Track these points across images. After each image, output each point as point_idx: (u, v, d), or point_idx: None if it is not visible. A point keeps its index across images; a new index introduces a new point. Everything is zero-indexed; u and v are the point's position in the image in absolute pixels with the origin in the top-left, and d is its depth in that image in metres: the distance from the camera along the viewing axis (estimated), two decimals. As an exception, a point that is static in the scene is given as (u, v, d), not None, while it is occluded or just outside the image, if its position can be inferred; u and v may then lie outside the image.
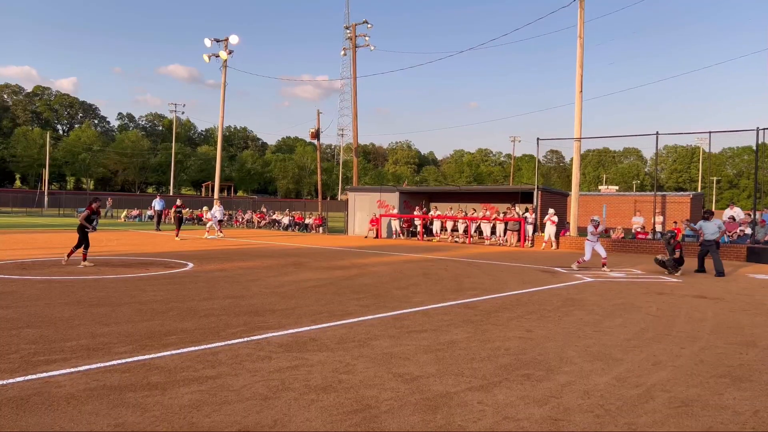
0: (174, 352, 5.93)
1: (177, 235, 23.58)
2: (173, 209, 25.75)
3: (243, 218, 39.47)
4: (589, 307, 9.16)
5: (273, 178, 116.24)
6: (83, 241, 13.05)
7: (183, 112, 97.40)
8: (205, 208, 36.86)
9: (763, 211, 21.75)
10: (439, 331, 7.14)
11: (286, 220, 35.03)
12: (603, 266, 14.77)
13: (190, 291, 9.93)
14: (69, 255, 13.20)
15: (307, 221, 34.77)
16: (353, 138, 37.80)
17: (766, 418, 4.36)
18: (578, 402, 4.67)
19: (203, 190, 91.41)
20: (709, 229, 14.44)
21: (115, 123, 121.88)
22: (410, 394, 4.77)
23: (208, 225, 27.69)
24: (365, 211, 29.09)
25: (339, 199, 75.33)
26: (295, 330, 7.06)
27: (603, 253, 14.82)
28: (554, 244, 22.53)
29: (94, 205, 13.45)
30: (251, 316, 7.82)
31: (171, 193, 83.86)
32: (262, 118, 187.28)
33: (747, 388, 5.11)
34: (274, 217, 37.00)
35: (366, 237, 27.75)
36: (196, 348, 6.10)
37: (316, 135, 40.20)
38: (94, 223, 13.37)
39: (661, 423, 4.22)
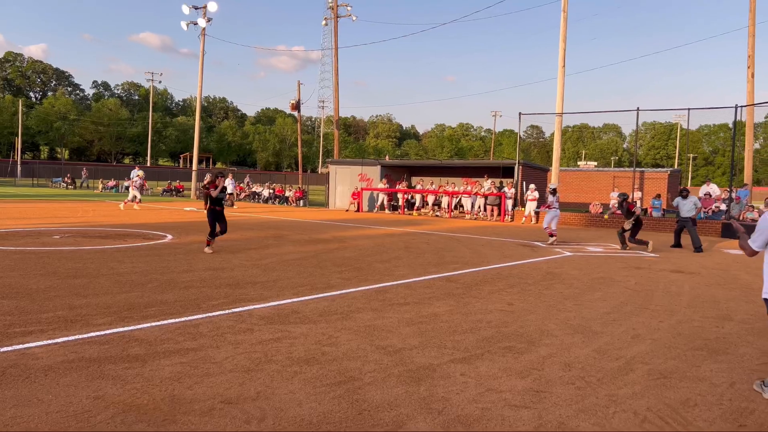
0: (154, 324, 5.85)
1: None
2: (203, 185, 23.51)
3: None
4: (568, 281, 9.26)
5: (252, 150, 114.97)
6: (213, 225, 11.35)
7: (160, 81, 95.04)
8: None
9: (738, 188, 22.09)
10: (422, 304, 7.16)
11: (266, 193, 34.75)
12: (550, 236, 15.24)
13: (169, 263, 9.81)
14: (208, 243, 11.39)
15: (287, 194, 34.54)
16: (334, 110, 37.44)
17: (742, 389, 4.46)
18: (559, 374, 4.71)
19: (181, 161, 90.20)
20: (686, 207, 14.65)
21: (90, 91, 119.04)
22: (393, 366, 4.77)
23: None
24: (346, 184, 28.95)
25: (320, 172, 74.93)
26: (277, 302, 7.02)
27: (553, 224, 15.26)
28: (534, 219, 22.69)
29: (219, 181, 11.45)
30: (232, 289, 7.76)
31: (148, 164, 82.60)
32: (241, 88, 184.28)
33: (723, 360, 5.21)
34: (254, 189, 36.67)
35: (347, 210, 27.67)
36: (177, 320, 6.03)
37: (297, 106, 39.76)
38: (226, 201, 11.61)
39: (641, 395, 4.28)
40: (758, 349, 5.60)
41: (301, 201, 32.87)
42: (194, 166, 39.50)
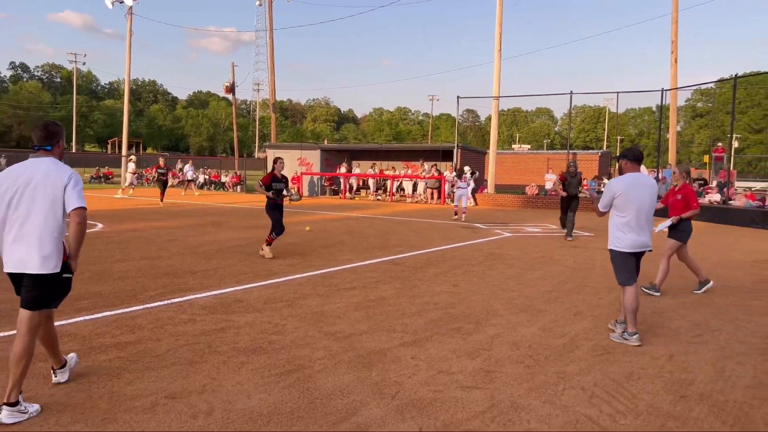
0: (88, 317, 5.54)
1: (162, 200, 20.15)
2: (155, 170, 21.73)
3: (153, 176, 37.65)
4: (510, 261, 9.42)
5: (185, 134, 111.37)
6: (278, 220, 9.46)
7: (84, 63, 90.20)
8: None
9: (663, 168, 23.14)
10: (368, 288, 7.10)
11: (201, 178, 33.74)
12: (462, 215, 16.41)
13: (102, 252, 9.34)
14: (268, 243, 9.43)
15: (223, 179, 33.67)
16: (270, 93, 36.63)
17: (679, 361, 4.64)
18: (508, 353, 4.77)
19: (109, 146, 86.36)
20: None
21: (6, 73, 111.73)
22: (343, 352, 4.70)
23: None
24: (285, 168, 28.47)
25: (256, 156, 73.51)
26: (219, 291, 6.79)
27: (464, 203, 16.64)
28: (472, 201, 23.04)
29: (277, 167, 9.62)
30: (170, 278, 7.46)
31: (73, 150, 78.66)
32: (171, 71, 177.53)
33: (661, 334, 5.41)
34: (188, 175, 35.48)
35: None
36: (113, 312, 5.73)
37: (231, 89, 38.75)
38: (287, 193, 9.77)
39: (587, 370, 4.38)
40: (691, 321, 5.86)
41: (238, 186, 32.13)
42: (124, 152, 37.86)
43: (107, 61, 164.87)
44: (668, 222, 6.97)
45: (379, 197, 25.90)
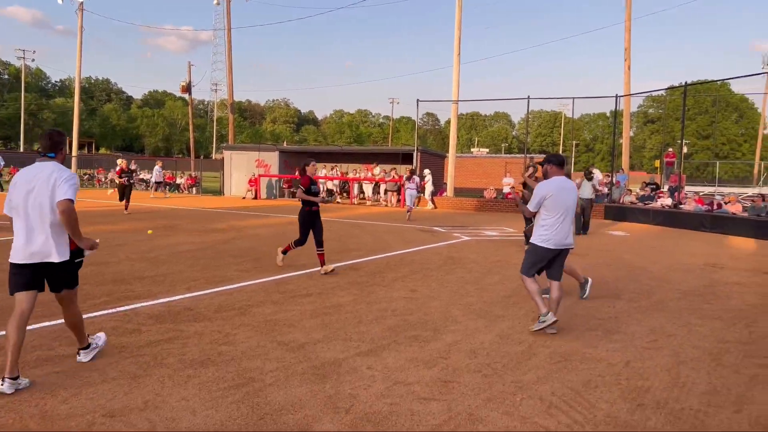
0: (23, 329, 5.21)
1: (126, 209, 17.51)
2: (117, 173, 18.72)
3: (106, 177, 36.52)
4: (468, 265, 9.39)
5: (140, 134, 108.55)
6: (305, 231, 8.52)
7: (33, 60, 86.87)
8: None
9: (617, 172, 23.65)
10: (325, 295, 6.93)
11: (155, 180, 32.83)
12: (408, 213, 17.86)
13: (44, 258, 8.88)
14: (286, 250, 8.81)
15: (178, 181, 32.88)
16: (228, 93, 36.00)
17: (636, 367, 4.63)
18: (466, 362, 4.68)
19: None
20: (586, 188, 15.21)
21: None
22: (297, 363, 4.52)
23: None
24: (243, 170, 27.97)
25: (214, 157, 72.23)
26: (168, 299, 6.51)
27: (409, 202, 18.23)
28: (430, 204, 23.07)
29: (310, 169, 8.47)
30: (117, 285, 7.12)
31: (21, 149, 75.68)
32: (126, 70, 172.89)
33: (617, 339, 5.42)
34: (141, 176, 34.55)
35: (244, 198, 26.77)
36: (50, 323, 5.41)
37: (188, 89, 37.95)
38: (325, 196, 8.63)
39: (545, 379, 4.32)
40: (647, 327, 5.89)
41: (194, 188, 31.43)
42: (74, 152, 36.61)
43: (58, 59, 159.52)
44: None
45: (339, 200, 25.70)
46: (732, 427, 3.56)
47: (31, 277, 4.04)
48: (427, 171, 23.27)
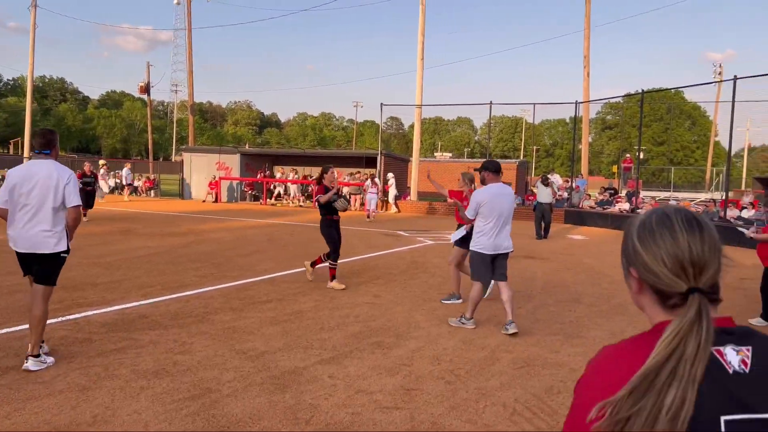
0: (-36, 340, 4.93)
1: (85, 215, 15.13)
2: (79, 177, 15.32)
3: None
4: (432, 269, 9.37)
5: (97, 135, 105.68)
6: (335, 241, 7.89)
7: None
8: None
9: (577, 177, 24.08)
10: (286, 301, 6.79)
11: (111, 182, 31.98)
12: (368, 216, 19.08)
13: (-9, 264, 8.48)
14: (315, 264, 8.15)
15: (136, 183, 32.06)
16: (188, 94, 35.33)
17: (597, 372, 4.64)
18: (429, 368, 4.62)
19: (11, 147, 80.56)
20: (544, 193, 15.38)
21: None
22: (256, 373, 4.39)
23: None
24: (203, 173, 27.45)
25: (173, 159, 70.85)
26: (122, 306, 6.28)
27: (372, 206, 19.53)
28: (394, 208, 23.06)
29: (328, 176, 7.90)
30: (68, 292, 6.84)
31: (-30, 150, 72.72)
32: (82, 69, 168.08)
33: (578, 344, 5.44)
34: (111, 179, 33.50)
35: (204, 201, 26.27)
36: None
37: (146, 90, 37.12)
38: (340, 203, 7.95)
39: (508, 385, 4.30)
40: (608, 330, 5.95)
41: (152, 191, 30.71)
42: (26, 153, 35.35)
43: (11, 56, 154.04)
44: (461, 232, 6.94)
45: (302, 204, 25.45)
46: None
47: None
48: (390, 175, 23.24)
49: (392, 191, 23.15)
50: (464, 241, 6.86)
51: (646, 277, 1.06)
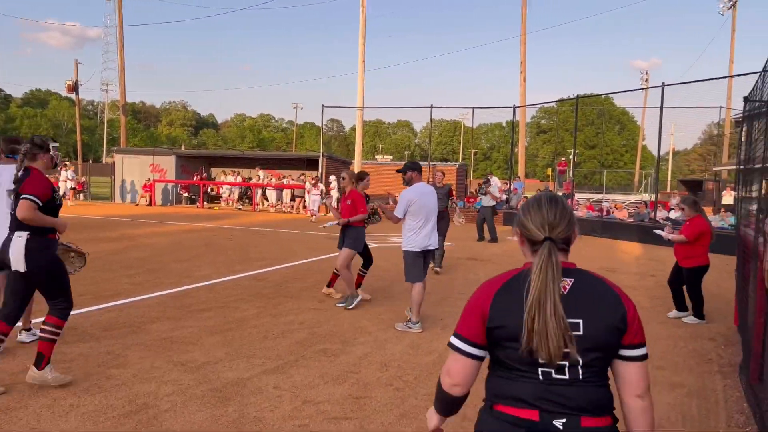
0: None
1: None
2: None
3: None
4: (377, 272, 9.28)
5: (21, 135, 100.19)
6: (364, 248, 7.43)
7: None
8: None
9: (515, 180, 24.64)
10: (227, 308, 6.55)
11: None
12: (312, 216, 19.94)
13: None
14: (358, 283, 7.47)
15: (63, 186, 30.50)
16: (120, 94, 33.99)
17: (544, 373, 4.68)
18: (377, 375, 4.53)
19: (-76, 147, 75.29)
20: (485, 197, 15.61)
21: None
22: (196, 386, 4.18)
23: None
24: (136, 175, 26.44)
25: (104, 161, 68.04)
26: (49, 317, 5.88)
27: (315, 206, 20.69)
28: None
29: (363, 184, 7.26)
30: (-12, 303, 6.35)
31: None
32: (3, 66, 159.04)
33: (524, 345, 5.48)
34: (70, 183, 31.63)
35: (138, 204, 25.30)
36: None
37: (74, 88, 35.41)
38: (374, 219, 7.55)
39: (458, 390, 4.26)
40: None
41: (81, 194, 29.32)
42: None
43: None
44: (333, 222, 7.06)
45: (241, 206, 24.90)
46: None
47: None
48: (332, 177, 23.07)
49: (334, 194, 22.98)
50: (348, 239, 6.78)
51: (523, 232, 1.70)
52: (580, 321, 1.56)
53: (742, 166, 8.03)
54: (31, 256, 3.89)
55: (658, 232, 7.59)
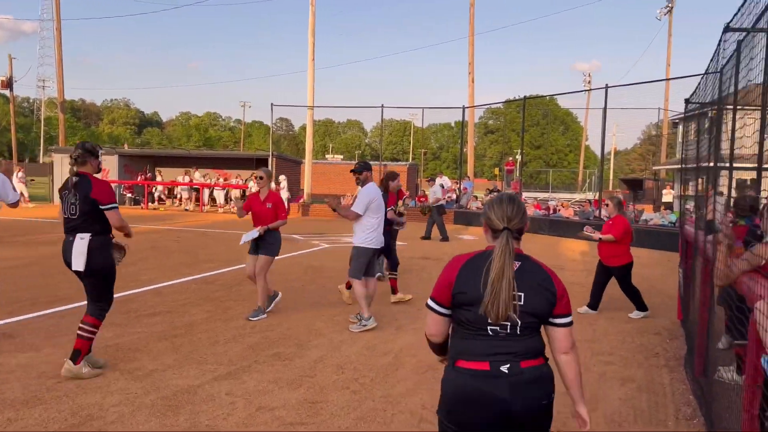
0: None
1: None
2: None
3: None
4: (329, 273, 9.22)
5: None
6: (391, 250, 7.42)
7: None
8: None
9: (465, 179, 24.94)
10: (175, 313, 6.35)
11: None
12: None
13: None
14: (393, 290, 7.48)
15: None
16: (58, 91, 32.58)
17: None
18: (333, 378, 4.48)
19: None
20: (430, 198, 15.75)
21: None
22: (144, 394, 4.02)
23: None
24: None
25: (41, 161, 65.25)
26: (-17, 326, 5.56)
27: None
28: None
29: (394, 184, 7.41)
30: None
31: None
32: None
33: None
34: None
35: (78, 205, 24.29)
36: None
37: (8, 84, 33.86)
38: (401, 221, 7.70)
39: (414, 391, 4.26)
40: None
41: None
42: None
43: None
44: (254, 233, 6.19)
45: (188, 207, 24.28)
46: (591, 426, 3.72)
47: None
48: (282, 177, 22.78)
49: (284, 194, 22.70)
50: (265, 244, 6.22)
51: (487, 222, 2.17)
52: (522, 294, 2.03)
53: (683, 165, 8.34)
54: (92, 256, 4.24)
55: (585, 233, 7.75)
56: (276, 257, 6.46)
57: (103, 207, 4.27)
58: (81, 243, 4.22)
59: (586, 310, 6.97)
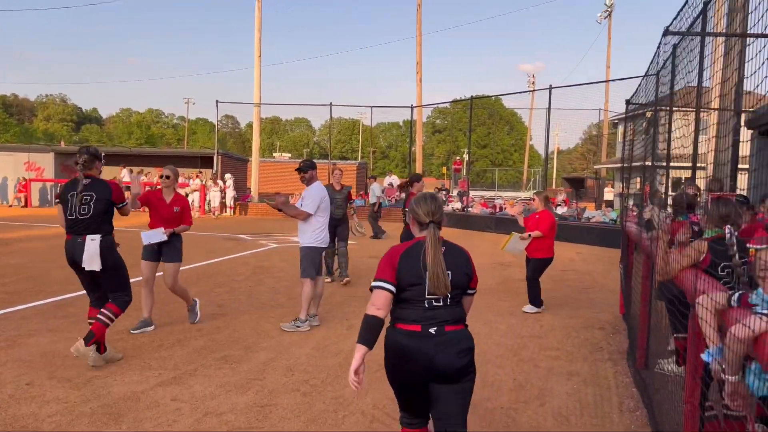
0: None
1: None
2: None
3: None
4: (278, 274, 9.09)
5: None
6: None
7: None
8: None
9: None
10: (117, 317, 6.10)
11: None
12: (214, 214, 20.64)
13: None
14: None
15: None
16: (-11, 85, 30.96)
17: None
18: (283, 381, 4.40)
19: None
20: (374, 194, 15.87)
21: None
22: (84, 403, 3.85)
23: None
24: (9, 174, 24.22)
25: (-30, 159, 61.81)
26: None
27: (216, 203, 21.52)
28: (233, 211, 22.24)
29: (418, 185, 8.15)
30: None
31: None
32: None
33: (428, 342, 5.55)
34: None
35: (11, 206, 23.20)
36: None
37: (-67, 77, 31.85)
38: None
39: (365, 392, 4.23)
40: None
41: (-56, 195, 26.40)
42: None
43: None
44: (160, 235, 5.70)
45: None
46: (539, 422, 3.79)
47: None
48: (228, 176, 22.35)
49: (230, 192, 22.28)
50: (171, 250, 5.80)
51: (415, 216, 2.69)
52: (450, 272, 2.56)
53: (624, 164, 8.60)
54: (105, 255, 4.49)
55: (517, 237, 7.56)
56: (181, 262, 5.99)
57: (120, 205, 4.72)
58: (93, 245, 4.48)
59: (530, 308, 7.01)
